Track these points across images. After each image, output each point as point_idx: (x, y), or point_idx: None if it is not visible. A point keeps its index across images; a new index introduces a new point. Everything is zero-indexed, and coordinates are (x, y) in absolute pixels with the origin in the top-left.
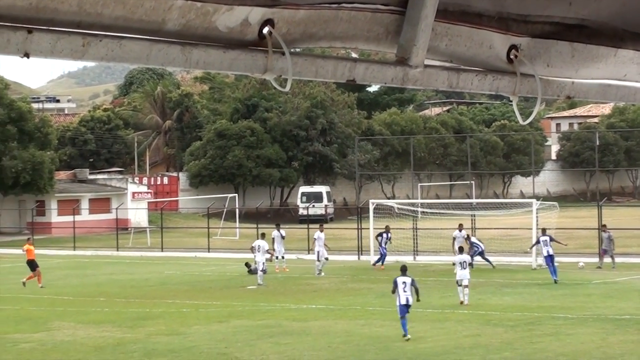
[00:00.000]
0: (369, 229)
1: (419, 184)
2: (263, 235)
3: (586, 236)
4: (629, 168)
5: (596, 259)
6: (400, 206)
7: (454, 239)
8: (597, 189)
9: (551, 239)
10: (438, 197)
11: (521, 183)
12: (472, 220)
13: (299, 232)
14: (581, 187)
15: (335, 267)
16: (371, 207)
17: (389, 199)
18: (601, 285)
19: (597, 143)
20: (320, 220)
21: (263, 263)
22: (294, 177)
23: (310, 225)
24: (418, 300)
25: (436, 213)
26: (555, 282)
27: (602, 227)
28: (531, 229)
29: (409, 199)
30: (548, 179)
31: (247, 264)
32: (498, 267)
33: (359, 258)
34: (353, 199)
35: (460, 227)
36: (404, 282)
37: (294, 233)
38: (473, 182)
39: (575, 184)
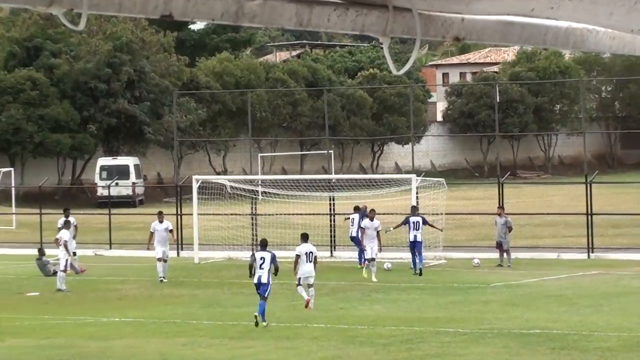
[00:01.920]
0: (191, 214)
1: (260, 155)
2: (67, 223)
3: (483, 223)
4: (540, 133)
5: (495, 255)
6: (234, 184)
7: (364, 229)
8: (497, 161)
9: (424, 222)
10: (285, 172)
11: (396, 153)
12: (330, 203)
13: (97, 219)
14: (476, 158)
15: (146, 267)
16: (195, 186)
17: (219, 174)
18: (502, 289)
19: (498, 100)
20: (125, 203)
21: (66, 261)
22: (90, 146)
23: (113, 210)
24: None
25: (282, 194)
26: (419, 273)
27: (498, 210)
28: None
29: (246, 174)
30: (432, 147)
31: (40, 249)
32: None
33: (178, 254)
34: (170, 174)
35: (372, 215)
36: (262, 258)
37: (91, 221)
38: (332, 151)
39: (468, 154)
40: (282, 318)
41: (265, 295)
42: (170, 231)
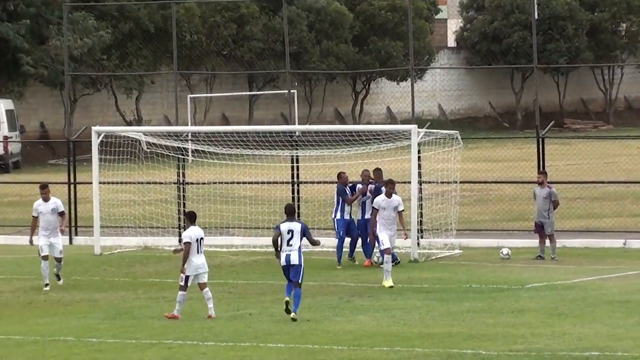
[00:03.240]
0: (90, 183)
1: (190, 96)
2: None
3: (515, 196)
4: (598, 64)
5: (533, 242)
6: (152, 139)
7: (376, 210)
8: (535, 106)
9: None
10: (227, 122)
11: (389, 93)
12: (293, 166)
13: None
14: (505, 100)
15: (24, 259)
16: (95, 142)
17: (130, 124)
18: (544, 292)
19: (536, 16)
20: None
21: None
22: None
23: None
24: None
25: (222, 154)
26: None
27: (539, 177)
28: (408, 182)
29: (170, 124)
30: (441, 85)
31: None
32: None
33: (71, 241)
34: (59, 124)
35: (391, 189)
36: (290, 231)
37: None
38: (295, 91)
39: (493, 95)
40: (224, 334)
41: (299, 281)
42: (61, 214)
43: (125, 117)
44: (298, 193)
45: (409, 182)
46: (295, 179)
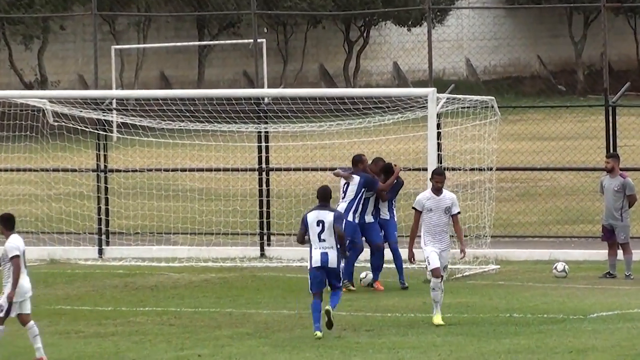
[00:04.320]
0: None
1: (114, 47)
2: None
3: (574, 189)
4: None
5: (601, 253)
6: (61, 109)
7: (418, 212)
8: (604, 61)
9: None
10: (168, 84)
11: (397, 44)
12: (261, 147)
13: None
14: (561, 55)
15: None
16: None
17: (30, 87)
18: (615, 324)
19: None
20: None
21: None
22: None
23: None
24: (345, 256)
25: (161, 130)
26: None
27: (608, 163)
28: (424, 170)
29: (87, 86)
30: (470, 32)
31: None
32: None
33: None
34: None
35: (439, 182)
36: (320, 222)
37: None
38: (264, 40)
39: (543, 46)
40: None
41: (339, 284)
42: None
43: (23, 77)
44: (267, 184)
45: (425, 170)
46: (263, 165)
